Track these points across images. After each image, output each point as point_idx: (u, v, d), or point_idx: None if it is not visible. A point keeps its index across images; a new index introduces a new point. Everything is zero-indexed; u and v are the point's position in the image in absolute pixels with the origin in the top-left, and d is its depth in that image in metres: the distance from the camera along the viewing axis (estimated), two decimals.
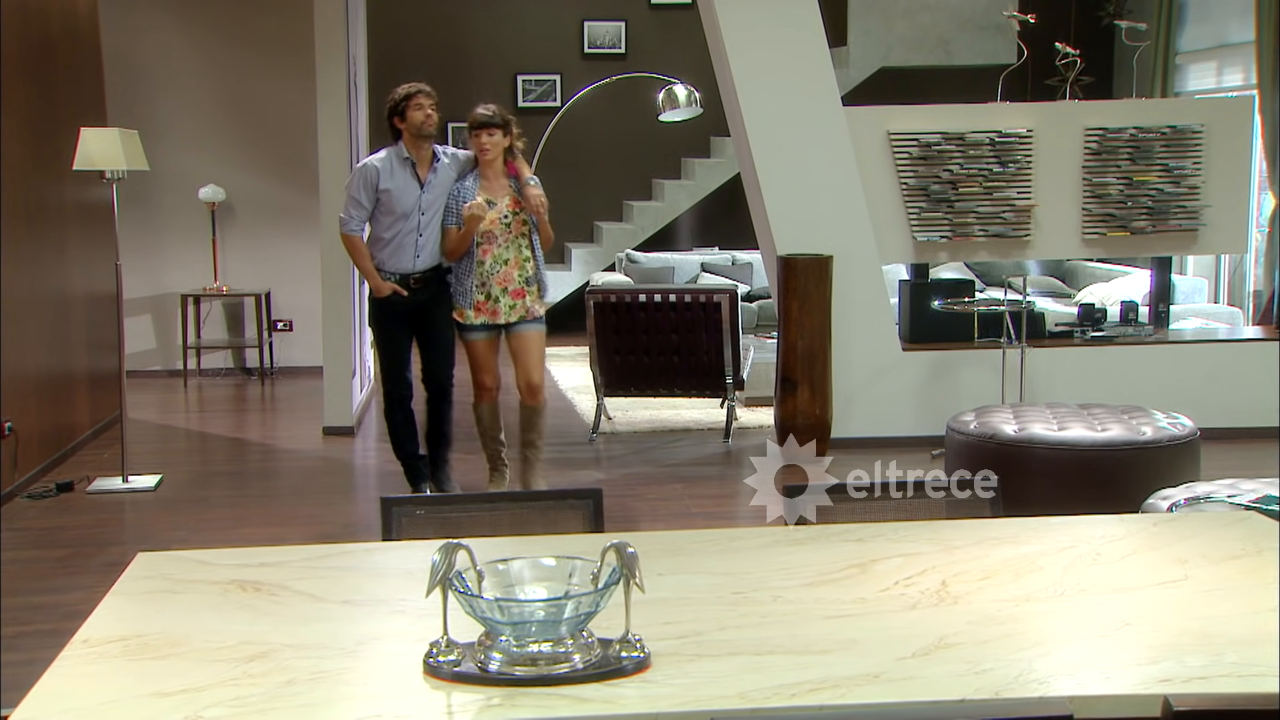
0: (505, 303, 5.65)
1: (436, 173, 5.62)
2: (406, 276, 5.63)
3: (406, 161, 5.59)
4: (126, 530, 5.77)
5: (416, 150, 5.59)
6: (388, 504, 2.79)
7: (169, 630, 2.12)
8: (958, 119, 7.07)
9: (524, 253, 5.65)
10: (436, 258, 5.68)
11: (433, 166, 5.62)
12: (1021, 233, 7.15)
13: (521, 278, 5.66)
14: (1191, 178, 7.15)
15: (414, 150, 5.59)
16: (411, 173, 5.59)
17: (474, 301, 5.64)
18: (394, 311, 5.68)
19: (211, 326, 9.40)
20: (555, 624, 1.90)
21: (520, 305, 5.67)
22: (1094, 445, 5.07)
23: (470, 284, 5.65)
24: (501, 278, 5.64)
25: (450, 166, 5.67)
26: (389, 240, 5.63)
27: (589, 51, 11.71)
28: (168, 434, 7.78)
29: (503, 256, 5.63)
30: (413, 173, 5.59)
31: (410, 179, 5.59)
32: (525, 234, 5.65)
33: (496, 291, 5.64)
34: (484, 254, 5.63)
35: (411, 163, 5.60)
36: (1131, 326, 7.56)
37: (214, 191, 9.00)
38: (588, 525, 2.81)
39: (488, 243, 5.61)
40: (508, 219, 5.62)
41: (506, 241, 5.62)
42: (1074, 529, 2.65)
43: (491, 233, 5.60)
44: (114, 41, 8.47)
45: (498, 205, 5.58)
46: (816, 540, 2.59)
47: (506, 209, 5.61)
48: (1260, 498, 4.04)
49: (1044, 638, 2.09)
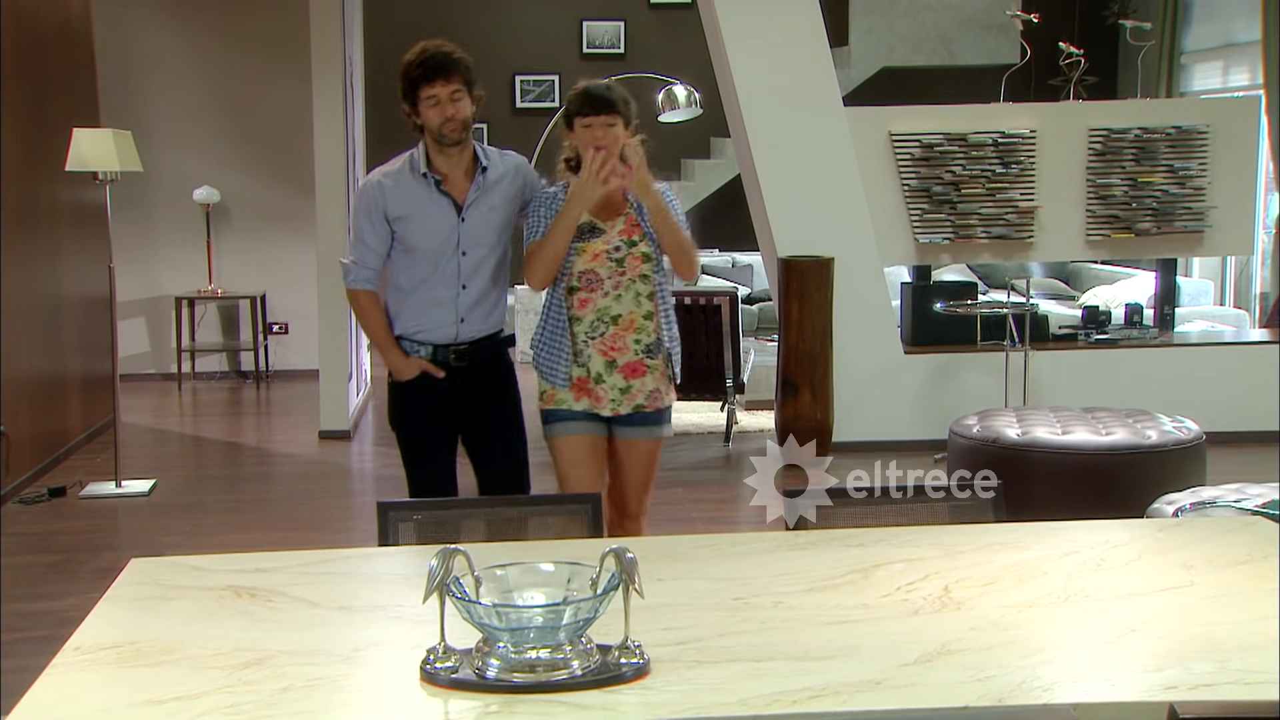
0: (612, 384, 3.70)
1: (482, 189, 3.68)
2: (444, 349, 3.71)
3: (430, 177, 3.66)
4: (120, 535, 5.72)
5: (444, 157, 3.66)
6: (384, 509, 2.76)
7: (163, 637, 2.10)
8: (960, 119, 7.02)
9: (643, 305, 3.70)
10: (492, 319, 3.79)
11: (475, 179, 3.68)
12: (1025, 234, 7.09)
13: (639, 345, 3.70)
14: (1197, 179, 7.09)
15: (440, 158, 3.67)
16: (439, 192, 3.66)
17: (569, 378, 3.71)
18: (426, 404, 3.75)
19: (206, 329, 9.34)
20: (554, 630, 1.89)
21: (636, 390, 3.71)
22: (1098, 449, 5.03)
23: (562, 350, 3.71)
24: (608, 344, 3.68)
25: (506, 178, 3.75)
26: (413, 294, 3.71)
27: (588, 51, 11.67)
28: (162, 438, 7.73)
29: (610, 311, 3.67)
30: (441, 192, 3.67)
31: (439, 200, 3.65)
32: (647, 276, 3.70)
33: (599, 366, 3.69)
34: (581, 306, 3.68)
35: (436, 179, 3.67)
36: (1136, 329, 7.51)
37: (208, 193, 8.94)
38: (587, 530, 2.79)
39: (588, 289, 3.67)
40: (619, 253, 3.66)
41: (617, 288, 3.67)
42: (1078, 534, 2.64)
43: (594, 274, 3.66)
44: (107, 41, 8.42)
45: (605, 233, 3.68)
46: (818, 545, 2.58)
47: (618, 238, 3.67)
48: (1267, 503, 4.02)
49: (1048, 644, 2.08)
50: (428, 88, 3.56)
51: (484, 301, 3.73)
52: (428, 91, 3.56)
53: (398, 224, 3.67)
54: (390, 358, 3.75)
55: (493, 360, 3.79)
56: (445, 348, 3.71)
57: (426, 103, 3.57)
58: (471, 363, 3.72)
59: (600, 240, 3.66)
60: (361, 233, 3.71)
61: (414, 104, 3.60)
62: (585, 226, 3.67)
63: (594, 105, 3.61)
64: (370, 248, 3.69)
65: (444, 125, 3.58)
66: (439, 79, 3.56)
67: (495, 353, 3.80)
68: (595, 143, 3.59)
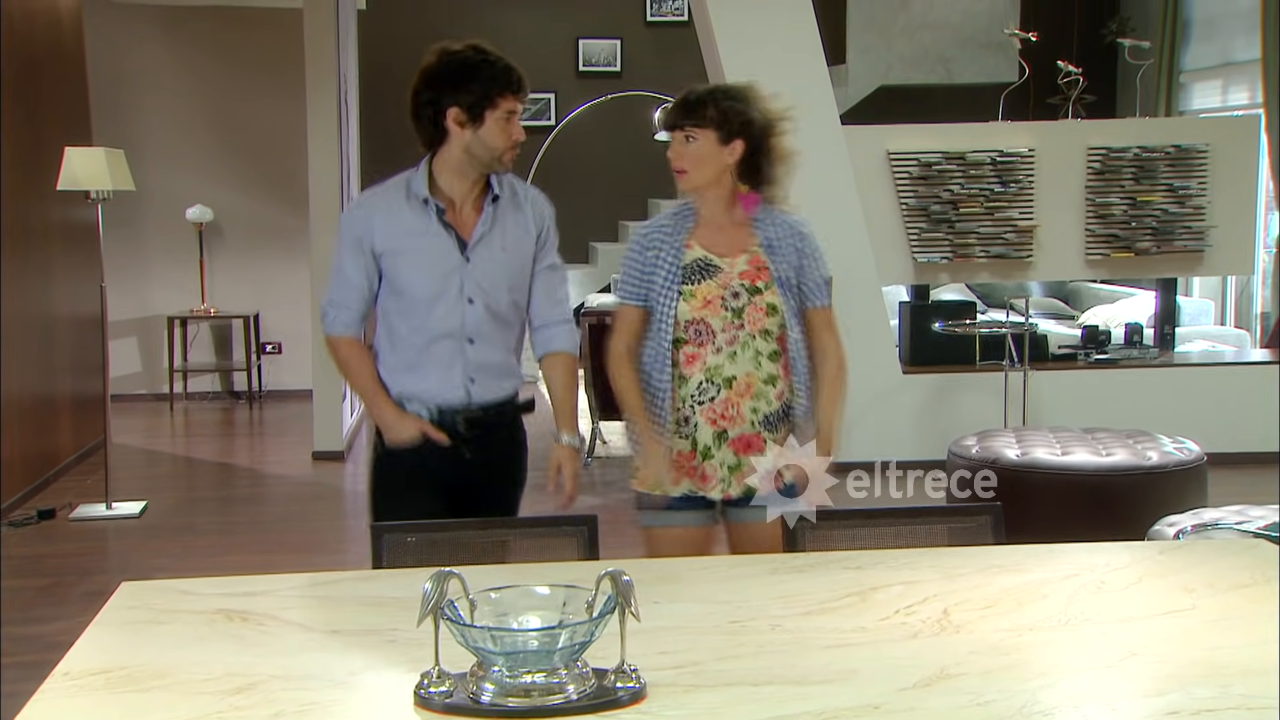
0: (721, 459, 3.05)
1: (493, 222, 3.04)
2: (451, 414, 3.05)
3: (431, 203, 3.01)
4: (110, 558, 5.69)
5: (460, 180, 3.02)
6: (378, 531, 2.72)
7: (153, 662, 2.07)
8: (958, 138, 7.00)
9: (764, 367, 3.03)
10: (510, 381, 3.12)
11: (484, 210, 3.04)
12: (1024, 253, 7.06)
13: (757, 415, 3.03)
14: (1197, 198, 7.06)
15: (456, 180, 3.02)
16: (440, 223, 3.01)
17: (669, 452, 3.06)
18: (422, 480, 3.06)
19: (199, 349, 9.29)
20: (549, 654, 1.87)
21: (748, 468, 3.05)
22: (1098, 470, 5.01)
23: (662, 416, 3.06)
24: (717, 410, 3.03)
25: (523, 212, 3.11)
26: (409, 347, 3.06)
27: (584, 70, 11.65)
28: (153, 459, 7.68)
29: (722, 371, 3.02)
30: (443, 223, 3.01)
31: (439, 234, 3.01)
32: (770, 332, 3.04)
33: (707, 437, 3.04)
34: (688, 363, 3.04)
35: (438, 206, 3.01)
36: (1136, 349, 7.48)
37: (201, 212, 8.91)
38: (582, 552, 2.75)
39: (696, 342, 3.03)
40: (737, 301, 3.02)
41: (732, 343, 3.02)
42: (1078, 556, 2.62)
43: (705, 324, 3.02)
44: (99, 59, 8.39)
45: (721, 272, 3.03)
46: (816, 568, 2.55)
47: (737, 280, 3.03)
48: (1268, 525, 4.00)
49: (1048, 668, 2.05)
50: (510, 99, 2.97)
51: (499, 361, 3.07)
52: (508, 105, 2.96)
53: (385, 259, 3.01)
54: (382, 413, 3.05)
55: (509, 429, 3.15)
56: (453, 413, 3.04)
57: (501, 117, 2.95)
58: (483, 431, 3.06)
59: (715, 282, 3.01)
60: (342, 266, 3.05)
61: (474, 114, 2.94)
62: (699, 263, 3.03)
63: (674, 113, 3.03)
64: (352, 285, 3.04)
65: (511, 149, 2.99)
66: (521, 92, 3.00)
67: (512, 421, 3.15)
68: (673, 161, 3.04)
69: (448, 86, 2.96)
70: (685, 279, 3.03)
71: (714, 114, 2.99)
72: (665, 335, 3.04)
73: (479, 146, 2.97)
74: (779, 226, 3.10)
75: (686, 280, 3.03)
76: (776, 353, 3.04)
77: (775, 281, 3.03)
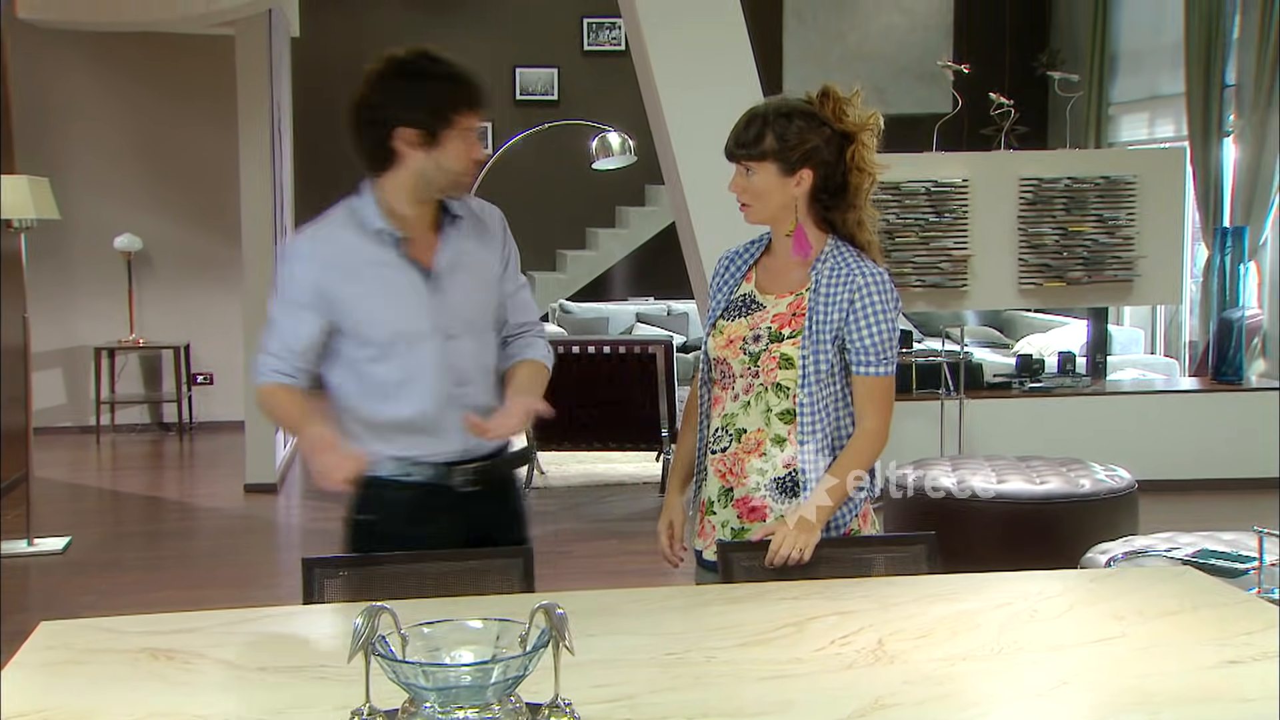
0: (724, 518, 2.74)
1: (458, 241, 2.68)
2: (448, 468, 2.66)
3: (388, 234, 2.61)
4: (31, 596, 5.55)
5: (417, 206, 2.63)
6: (309, 565, 2.64)
7: (71, 704, 2.01)
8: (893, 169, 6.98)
9: (774, 426, 2.66)
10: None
11: (443, 232, 2.66)
12: (958, 283, 7.10)
13: (763, 477, 2.68)
14: (1126, 228, 7.15)
15: (408, 206, 2.62)
16: (400, 254, 2.61)
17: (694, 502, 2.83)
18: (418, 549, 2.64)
19: (127, 380, 9.12)
20: (481, 689, 1.82)
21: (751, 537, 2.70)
22: (1032, 498, 5.06)
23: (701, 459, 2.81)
24: (726, 463, 2.72)
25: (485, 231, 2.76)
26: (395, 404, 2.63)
27: (520, 98, 11.64)
28: (78, 493, 7.52)
29: (735, 421, 2.70)
30: (401, 255, 2.61)
31: (401, 267, 2.61)
32: (785, 388, 2.64)
33: (713, 489, 2.74)
34: (715, 404, 2.76)
35: (397, 235, 2.61)
36: (1069, 377, 7.56)
37: (130, 240, 8.77)
38: (518, 585, 2.69)
39: (722, 384, 2.74)
40: (757, 340, 2.67)
41: (747, 391, 2.68)
42: (1011, 585, 2.63)
43: (727, 365, 2.72)
44: (23, 85, 8.26)
45: (761, 310, 2.70)
46: (752, 599, 2.53)
47: (767, 322, 2.67)
48: (1198, 551, 4.07)
49: (981, 698, 2.06)
50: (470, 116, 2.57)
51: (482, 393, 2.67)
52: (468, 122, 2.56)
53: (340, 306, 2.57)
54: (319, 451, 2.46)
55: (504, 482, 2.79)
56: (451, 467, 2.65)
57: (460, 136, 2.55)
58: (483, 484, 2.69)
59: (746, 321, 2.68)
60: (281, 314, 2.61)
61: (429, 135, 2.53)
62: (745, 299, 2.72)
63: (730, 141, 2.69)
64: (292, 332, 2.60)
65: (469, 170, 2.61)
66: (482, 109, 2.60)
67: (508, 473, 2.81)
68: (736, 194, 2.69)
69: (397, 103, 2.52)
70: (725, 313, 2.74)
71: (772, 144, 2.63)
72: (704, 369, 2.79)
73: (435, 171, 2.57)
74: (838, 271, 2.66)
75: (726, 314, 2.74)
76: (790, 412, 2.64)
77: (806, 332, 2.62)
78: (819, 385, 2.62)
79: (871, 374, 2.64)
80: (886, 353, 2.64)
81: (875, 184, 2.76)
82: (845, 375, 2.67)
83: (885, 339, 2.64)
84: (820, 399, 2.63)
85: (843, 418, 2.69)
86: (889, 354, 2.65)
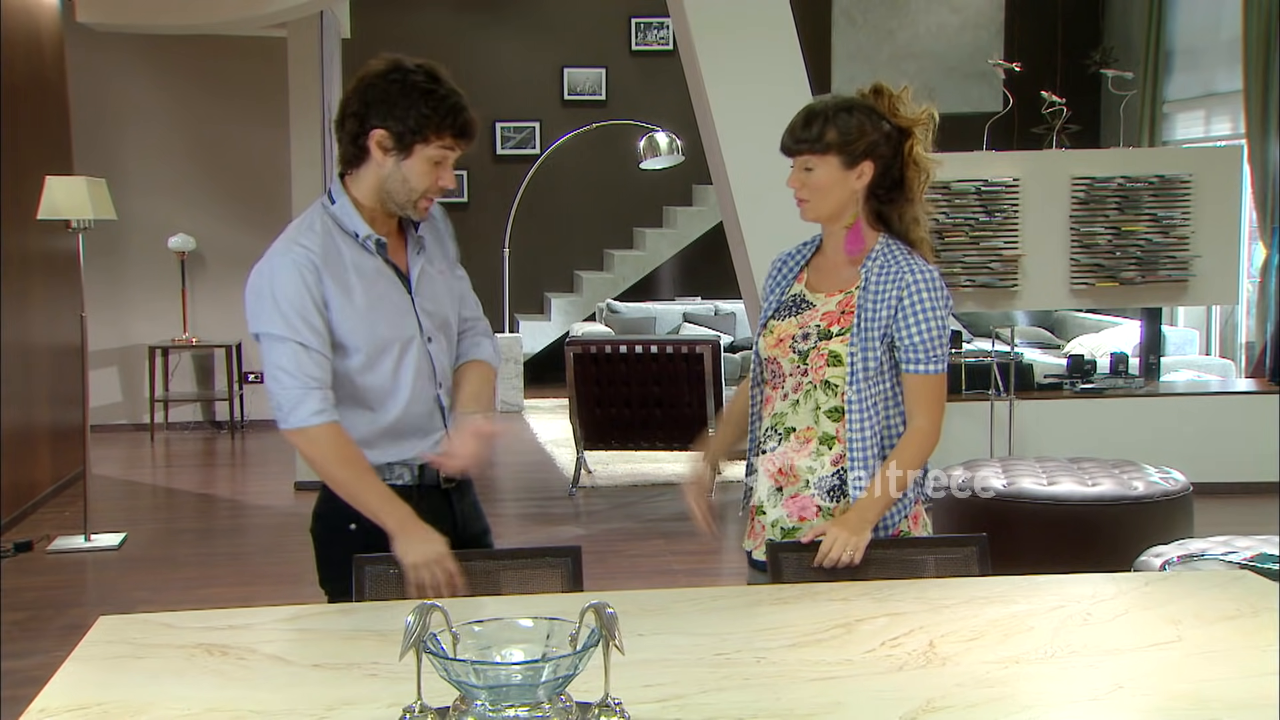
0: (774, 518, 2.73)
1: (422, 244, 2.69)
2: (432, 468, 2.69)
3: (371, 241, 2.60)
4: (88, 591, 5.62)
5: (382, 209, 2.60)
6: (360, 563, 2.66)
7: (131, 698, 2.02)
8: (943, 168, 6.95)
9: (823, 425, 2.65)
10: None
11: (408, 238, 2.67)
12: (1009, 283, 7.05)
13: (813, 476, 2.68)
14: (1180, 228, 7.07)
15: (378, 209, 2.60)
16: (384, 260, 2.62)
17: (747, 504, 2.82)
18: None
19: (180, 379, 9.23)
20: (532, 687, 1.82)
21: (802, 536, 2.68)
22: (1084, 500, 4.99)
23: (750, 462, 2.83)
24: (776, 462, 2.72)
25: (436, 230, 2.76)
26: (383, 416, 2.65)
27: (569, 98, 11.66)
28: (133, 490, 7.61)
29: (784, 420, 2.70)
30: (386, 260, 2.63)
31: (386, 273, 2.62)
32: (833, 386, 2.64)
33: (764, 490, 2.74)
34: (766, 404, 2.77)
35: (377, 240, 2.60)
36: (1122, 378, 7.47)
37: (184, 240, 8.86)
38: (567, 584, 2.70)
39: (773, 383, 2.75)
40: (806, 339, 2.66)
41: (797, 390, 2.68)
42: (1064, 587, 2.59)
43: (777, 364, 2.72)
44: (81, 88, 8.36)
45: (811, 309, 2.69)
46: (801, 599, 2.51)
47: (817, 319, 2.66)
48: (1255, 555, 4.00)
49: (1034, 701, 2.02)
50: (447, 140, 2.53)
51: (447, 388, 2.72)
52: (444, 144, 2.53)
53: (334, 318, 2.54)
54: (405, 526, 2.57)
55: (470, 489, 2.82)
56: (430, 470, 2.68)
57: (431, 156, 2.52)
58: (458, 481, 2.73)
59: (795, 320, 2.67)
60: (298, 337, 2.51)
61: (401, 143, 2.50)
62: (796, 298, 2.71)
63: (789, 136, 2.66)
64: (321, 354, 2.53)
65: (430, 196, 2.57)
66: (464, 137, 2.55)
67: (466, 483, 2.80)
68: (795, 190, 2.66)
69: (381, 103, 2.50)
70: (777, 313, 2.73)
71: (835, 137, 2.60)
72: (755, 370, 2.79)
73: (396, 181, 2.53)
74: (887, 268, 2.64)
75: (777, 314, 2.73)
76: (839, 410, 2.62)
77: (855, 329, 2.60)
78: (868, 383, 2.61)
79: (921, 371, 2.62)
80: (936, 350, 2.62)
81: (930, 180, 2.75)
82: (895, 374, 2.65)
83: (935, 336, 2.61)
84: (869, 397, 2.61)
85: (893, 417, 2.67)
86: (939, 351, 2.62)
